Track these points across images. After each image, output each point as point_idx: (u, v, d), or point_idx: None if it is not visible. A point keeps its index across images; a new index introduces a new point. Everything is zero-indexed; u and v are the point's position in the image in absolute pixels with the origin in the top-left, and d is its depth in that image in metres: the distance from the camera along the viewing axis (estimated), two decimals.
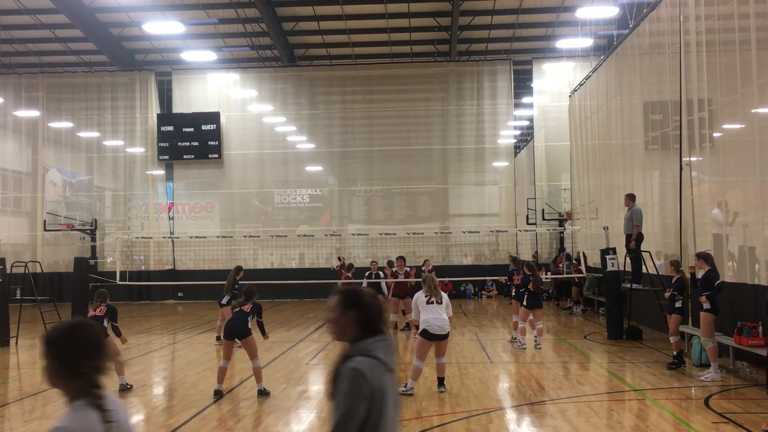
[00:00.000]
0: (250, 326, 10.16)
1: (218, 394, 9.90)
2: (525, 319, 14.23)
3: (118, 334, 10.60)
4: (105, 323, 10.29)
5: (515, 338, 14.54)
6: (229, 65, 29.94)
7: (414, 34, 28.05)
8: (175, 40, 27.20)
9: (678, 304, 11.61)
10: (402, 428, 8.00)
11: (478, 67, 29.56)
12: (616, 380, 10.92)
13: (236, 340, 10.11)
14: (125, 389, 10.41)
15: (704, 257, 10.93)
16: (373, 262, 19.28)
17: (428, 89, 30.21)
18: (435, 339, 9.81)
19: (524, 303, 14.09)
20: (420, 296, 9.97)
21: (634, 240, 14.82)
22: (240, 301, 10.47)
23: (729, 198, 13.05)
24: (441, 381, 10.09)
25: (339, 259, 20.73)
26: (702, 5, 13.58)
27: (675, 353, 11.57)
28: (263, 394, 9.91)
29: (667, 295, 11.91)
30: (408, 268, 17.83)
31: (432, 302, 9.82)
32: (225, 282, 15.26)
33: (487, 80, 29.45)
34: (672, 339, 11.64)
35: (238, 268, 15.28)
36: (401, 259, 17.96)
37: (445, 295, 9.98)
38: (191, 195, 30.39)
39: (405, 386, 9.75)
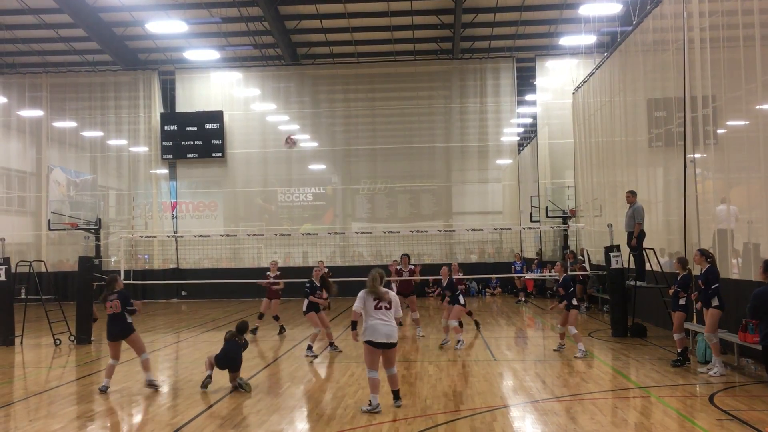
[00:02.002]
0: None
1: (205, 384, 10.28)
2: (457, 318, 14.02)
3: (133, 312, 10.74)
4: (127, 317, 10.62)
5: (458, 341, 13.91)
6: (232, 64, 29.96)
7: (417, 32, 28.02)
8: (178, 39, 27.23)
9: (682, 302, 11.57)
10: (407, 426, 8.01)
11: (481, 64, 29.53)
12: (620, 378, 10.91)
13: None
14: (152, 386, 10.49)
15: (705, 254, 10.88)
16: (395, 260, 19.24)
17: (431, 87, 30.21)
18: (381, 347, 8.77)
19: (462, 303, 14.07)
20: (368, 296, 8.84)
21: (636, 237, 14.80)
22: (234, 333, 10.57)
23: (733, 194, 13.01)
24: (396, 394, 8.96)
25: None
26: (706, 1, 13.53)
27: (679, 350, 11.55)
28: (242, 387, 10.11)
29: (671, 291, 11.88)
30: (413, 266, 17.84)
31: (380, 307, 8.78)
32: (231, 281, 15.24)
33: (490, 78, 29.42)
34: (676, 336, 11.62)
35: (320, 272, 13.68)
36: (405, 256, 17.96)
37: (393, 297, 8.94)
38: (195, 194, 30.44)
39: (369, 405, 8.72)
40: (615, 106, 20.02)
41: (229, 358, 10.22)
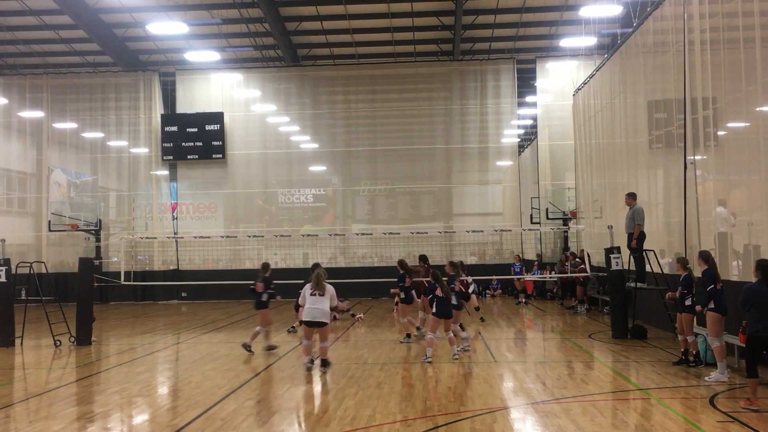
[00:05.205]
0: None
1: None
2: (434, 330, 12.79)
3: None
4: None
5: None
6: (232, 65, 29.98)
7: (417, 34, 28.05)
8: (179, 40, 27.26)
9: (688, 302, 11.44)
10: (406, 428, 8.01)
11: (482, 66, 29.55)
12: (620, 379, 10.90)
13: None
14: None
15: (703, 257, 10.87)
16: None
17: (431, 88, 30.22)
18: (313, 326, 11.40)
19: (434, 311, 12.73)
20: (307, 288, 11.50)
21: (636, 239, 14.80)
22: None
23: (734, 196, 13.00)
24: (323, 362, 11.48)
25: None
26: (706, 3, 13.53)
27: (694, 352, 11.44)
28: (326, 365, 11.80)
29: (677, 294, 11.66)
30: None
31: (314, 294, 11.36)
32: (230, 282, 15.34)
33: (491, 79, 29.45)
34: (689, 338, 11.48)
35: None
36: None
37: (329, 288, 11.40)
38: (195, 195, 30.45)
39: (308, 361, 11.49)
40: (615, 107, 20.02)
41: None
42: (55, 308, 16.24)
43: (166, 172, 30.43)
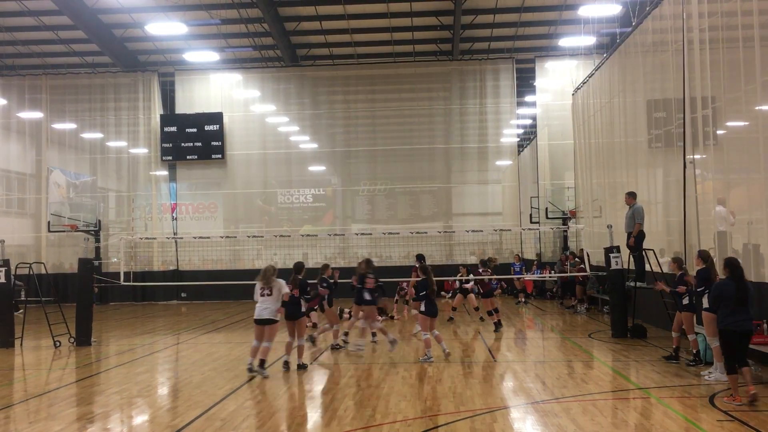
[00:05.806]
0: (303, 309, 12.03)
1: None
2: (426, 329, 12.56)
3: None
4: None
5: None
6: (231, 66, 29.97)
7: (416, 33, 28.04)
8: (178, 40, 27.25)
9: (685, 301, 11.45)
10: (406, 428, 8.01)
11: (481, 65, 29.56)
12: (620, 379, 10.90)
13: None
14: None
15: (702, 256, 10.87)
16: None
17: (431, 88, 30.22)
18: (260, 324, 11.25)
19: (422, 309, 12.58)
20: (257, 286, 11.41)
21: (634, 237, 14.81)
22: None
23: (733, 195, 13.00)
24: (261, 363, 11.21)
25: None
26: (705, 2, 13.54)
27: (695, 351, 11.45)
28: (302, 368, 11.75)
29: (683, 290, 11.60)
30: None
31: (263, 294, 11.28)
32: (230, 282, 15.32)
33: (490, 79, 29.45)
34: (690, 337, 11.48)
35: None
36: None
37: (277, 285, 11.24)
38: (194, 195, 30.45)
39: (249, 364, 11.31)
40: (614, 107, 20.02)
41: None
42: (54, 309, 16.24)
43: (165, 173, 30.43)
